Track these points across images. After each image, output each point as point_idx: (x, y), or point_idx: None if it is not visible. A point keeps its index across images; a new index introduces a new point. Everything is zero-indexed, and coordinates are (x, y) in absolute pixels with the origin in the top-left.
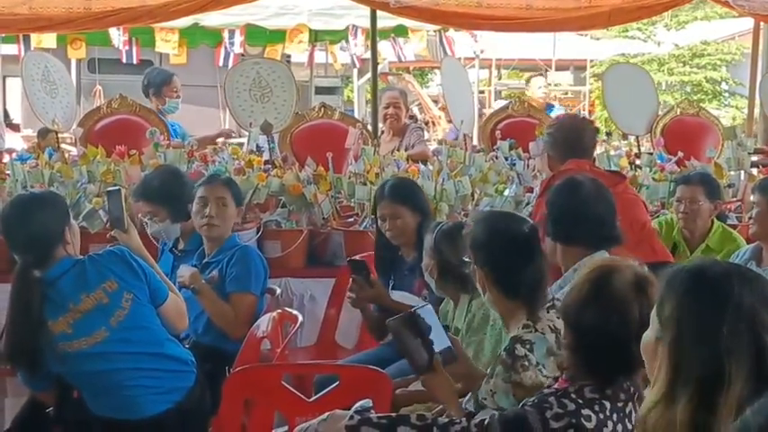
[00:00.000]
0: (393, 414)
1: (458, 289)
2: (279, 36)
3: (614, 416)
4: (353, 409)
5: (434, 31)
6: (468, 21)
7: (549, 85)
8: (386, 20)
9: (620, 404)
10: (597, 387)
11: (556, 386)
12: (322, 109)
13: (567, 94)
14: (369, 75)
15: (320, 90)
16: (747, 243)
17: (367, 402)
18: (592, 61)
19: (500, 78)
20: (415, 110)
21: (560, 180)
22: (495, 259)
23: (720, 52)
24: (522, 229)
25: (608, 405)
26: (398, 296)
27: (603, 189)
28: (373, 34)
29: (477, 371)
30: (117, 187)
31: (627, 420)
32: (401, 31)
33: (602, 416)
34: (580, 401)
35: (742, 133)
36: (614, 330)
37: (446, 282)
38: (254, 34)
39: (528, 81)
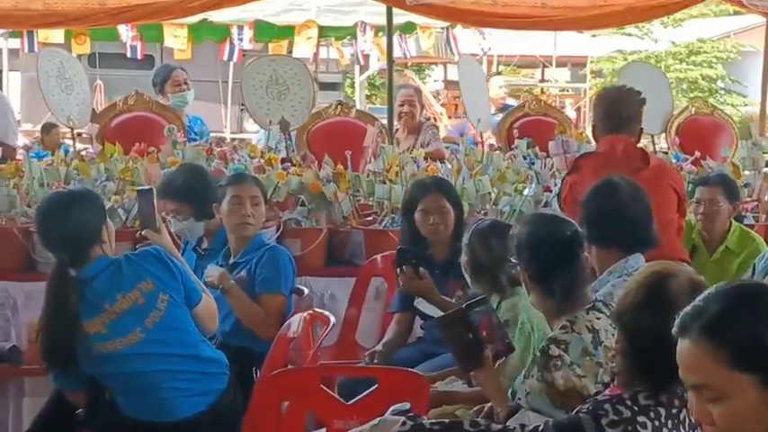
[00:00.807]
0: (446, 420)
1: (488, 289)
2: (288, 32)
3: (669, 423)
4: (390, 411)
5: (442, 29)
6: (482, 18)
7: (548, 81)
8: (395, 17)
9: (674, 411)
10: (651, 393)
11: (608, 392)
12: (339, 107)
13: (564, 90)
14: (369, 71)
15: (323, 86)
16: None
17: (404, 405)
18: (591, 58)
19: (500, 75)
20: None
21: (597, 182)
22: (537, 260)
23: (716, 50)
24: (564, 233)
25: (663, 412)
26: (426, 303)
27: (639, 191)
28: (389, 31)
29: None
30: (149, 187)
31: (681, 427)
32: (409, 28)
33: (657, 423)
34: (636, 408)
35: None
36: (668, 335)
37: (478, 281)
38: (263, 30)
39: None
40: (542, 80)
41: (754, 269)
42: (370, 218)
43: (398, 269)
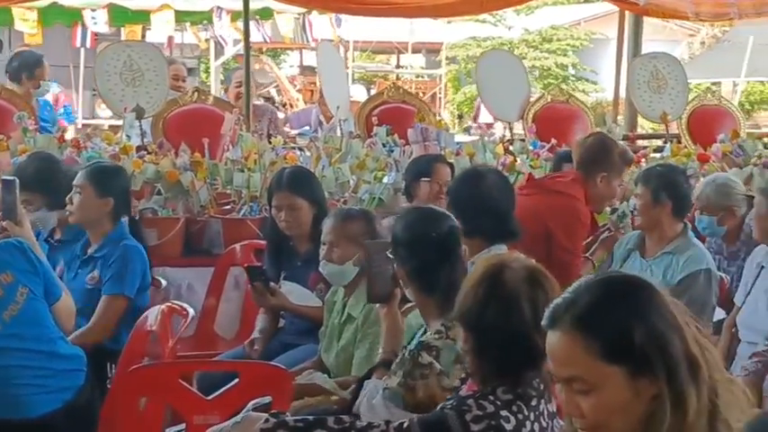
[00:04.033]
0: (310, 417)
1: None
2: (142, 16)
3: (531, 415)
4: (250, 405)
5: (299, 14)
6: (339, 5)
7: (404, 67)
8: (252, 1)
9: (533, 403)
10: (509, 387)
11: (465, 389)
12: (195, 93)
13: (419, 77)
14: (224, 57)
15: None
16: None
17: (265, 399)
18: (445, 44)
19: (354, 60)
20: (273, 92)
21: (464, 170)
22: (414, 257)
23: (569, 37)
24: (441, 228)
25: (523, 405)
26: (289, 288)
27: (504, 181)
28: (246, 16)
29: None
30: (12, 177)
31: (541, 418)
32: (266, 14)
33: (520, 416)
34: (498, 403)
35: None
36: (515, 327)
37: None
38: (117, 14)
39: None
40: (398, 66)
41: (613, 257)
42: (228, 206)
43: (251, 285)
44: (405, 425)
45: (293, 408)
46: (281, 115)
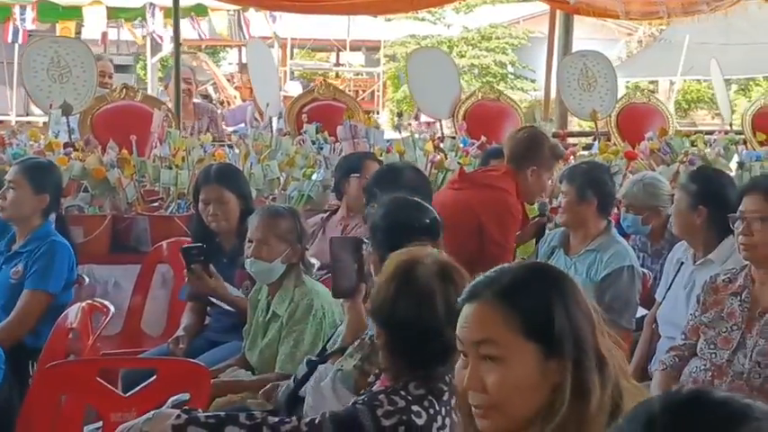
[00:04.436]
0: (222, 413)
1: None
2: (74, 12)
3: (443, 410)
4: (169, 402)
5: (234, 11)
6: (273, 3)
7: (343, 65)
8: None
9: (445, 398)
10: (421, 382)
11: (379, 384)
12: (124, 90)
13: (359, 75)
14: (161, 53)
15: (115, 68)
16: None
17: (183, 396)
18: (385, 42)
19: (292, 57)
20: (210, 89)
21: (381, 167)
22: (388, 244)
23: (508, 36)
24: (422, 219)
25: (435, 400)
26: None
27: (424, 178)
28: (176, 13)
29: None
30: None
31: (453, 413)
32: (200, 10)
33: (432, 411)
34: (410, 398)
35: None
36: (427, 322)
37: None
38: (47, 10)
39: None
40: (337, 64)
41: (537, 254)
42: (156, 204)
43: (187, 268)
44: (317, 420)
45: (216, 404)
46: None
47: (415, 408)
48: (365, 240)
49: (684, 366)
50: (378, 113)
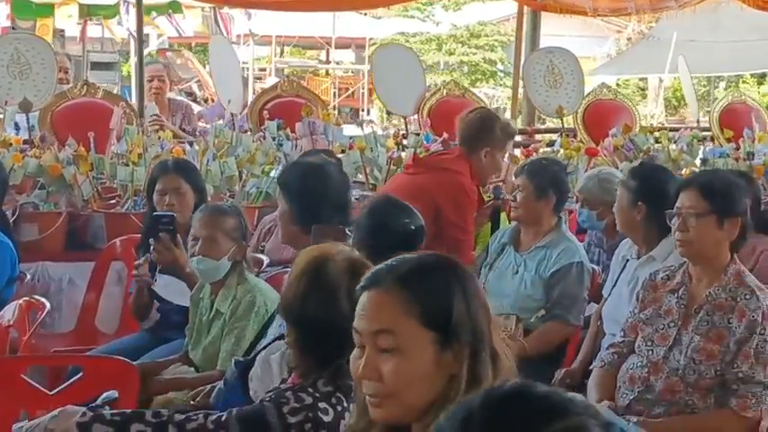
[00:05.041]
0: (128, 410)
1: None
2: (47, 9)
3: (351, 407)
4: (99, 400)
5: (209, 8)
6: (247, 1)
7: (331, 62)
8: None
9: (353, 395)
10: (330, 380)
11: (290, 381)
12: (85, 87)
13: (348, 72)
14: (146, 51)
15: (96, 66)
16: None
17: (112, 394)
18: (372, 39)
19: (282, 55)
20: (195, 87)
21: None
22: (369, 244)
23: (497, 33)
24: (407, 224)
25: (343, 397)
26: (166, 281)
27: (344, 174)
28: (139, 10)
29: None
30: None
31: None
32: (176, 7)
33: (339, 408)
34: (317, 395)
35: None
36: (335, 319)
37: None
38: (21, 7)
39: None
40: (327, 61)
41: (488, 250)
42: (113, 201)
43: (153, 237)
44: (224, 418)
45: (156, 402)
46: (198, 109)
47: (322, 405)
48: (348, 233)
49: (622, 363)
50: (368, 111)
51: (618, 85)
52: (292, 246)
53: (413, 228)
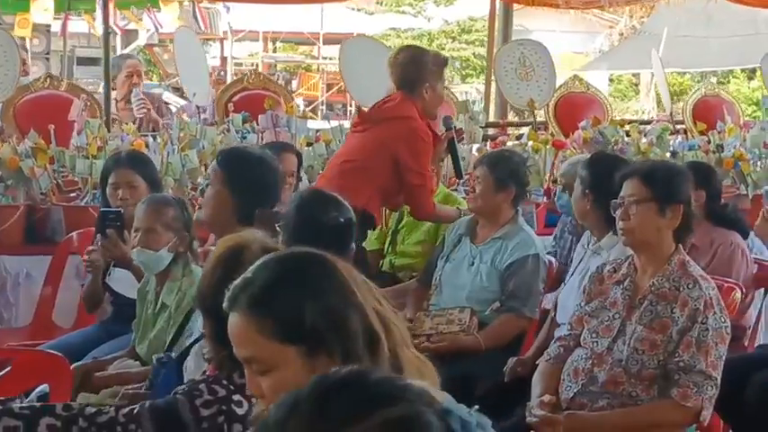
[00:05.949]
0: (37, 404)
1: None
2: (23, 4)
3: None
4: (33, 395)
5: (189, 2)
6: None
7: (323, 58)
8: None
9: None
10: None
11: (208, 373)
12: (48, 79)
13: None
14: (134, 44)
15: (83, 61)
16: None
17: (45, 388)
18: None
19: (275, 51)
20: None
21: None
22: (296, 239)
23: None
24: (336, 217)
25: None
26: (120, 276)
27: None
28: (105, 3)
29: None
30: None
31: None
32: (153, 2)
33: (254, 400)
34: (231, 387)
35: (473, 107)
36: None
37: None
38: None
39: None
40: (318, 57)
41: (444, 241)
42: (74, 194)
43: (100, 233)
44: (135, 411)
45: (102, 394)
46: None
47: (236, 397)
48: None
49: (568, 357)
50: (350, 105)
51: (611, 80)
52: (215, 232)
53: (342, 220)
